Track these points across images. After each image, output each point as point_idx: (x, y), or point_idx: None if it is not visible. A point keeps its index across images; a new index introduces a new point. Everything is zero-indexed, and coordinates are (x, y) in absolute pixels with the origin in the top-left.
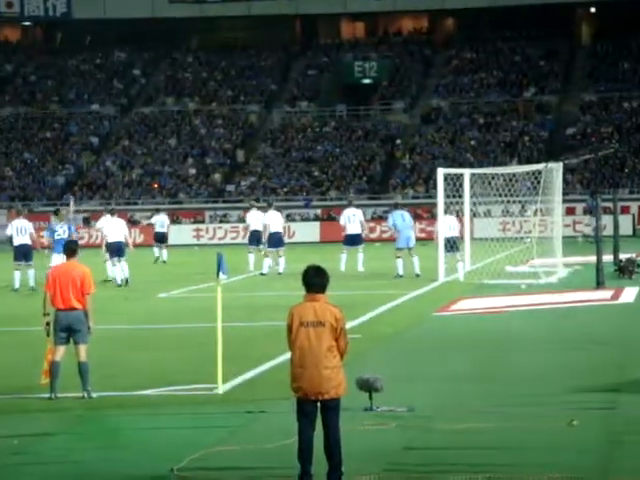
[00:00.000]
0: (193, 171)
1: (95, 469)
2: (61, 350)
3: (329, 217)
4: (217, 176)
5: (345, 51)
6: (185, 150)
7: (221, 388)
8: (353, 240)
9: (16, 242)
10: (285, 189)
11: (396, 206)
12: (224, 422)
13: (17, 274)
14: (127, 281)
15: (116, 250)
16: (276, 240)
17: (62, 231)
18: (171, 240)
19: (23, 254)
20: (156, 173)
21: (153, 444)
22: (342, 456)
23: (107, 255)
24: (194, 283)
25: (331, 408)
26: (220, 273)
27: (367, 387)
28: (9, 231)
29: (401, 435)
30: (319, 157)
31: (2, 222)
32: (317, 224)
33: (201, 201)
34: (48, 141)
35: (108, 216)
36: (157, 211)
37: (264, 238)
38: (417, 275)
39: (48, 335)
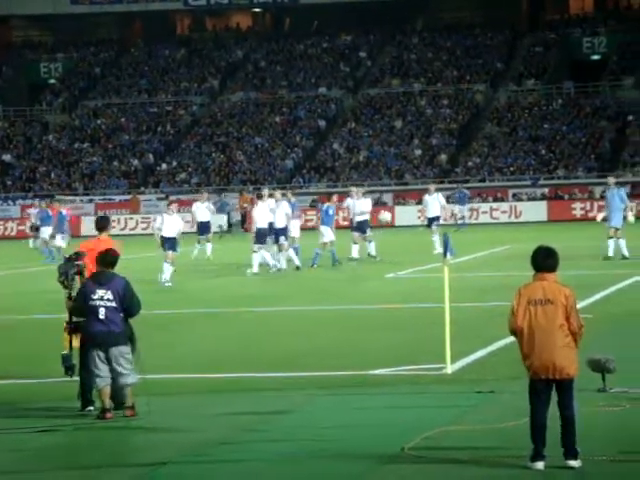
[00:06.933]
0: (419, 152)
1: (325, 447)
2: None
3: (557, 196)
4: (443, 157)
5: (573, 27)
6: (411, 131)
7: (450, 368)
8: None
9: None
10: (511, 168)
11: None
12: (454, 402)
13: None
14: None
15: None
16: None
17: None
18: (397, 221)
19: None
20: (382, 155)
21: (384, 423)
22: (577, 437)
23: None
24: (420, 264)
25: (564, 388)
26: (447, 253)
27: (599, 368)
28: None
29: (637, 417)
30: (546, 135)
31: (234, 206)
32: (544, 203)
33: (427, 182)
34: (277, 125)
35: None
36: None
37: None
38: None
39: None
